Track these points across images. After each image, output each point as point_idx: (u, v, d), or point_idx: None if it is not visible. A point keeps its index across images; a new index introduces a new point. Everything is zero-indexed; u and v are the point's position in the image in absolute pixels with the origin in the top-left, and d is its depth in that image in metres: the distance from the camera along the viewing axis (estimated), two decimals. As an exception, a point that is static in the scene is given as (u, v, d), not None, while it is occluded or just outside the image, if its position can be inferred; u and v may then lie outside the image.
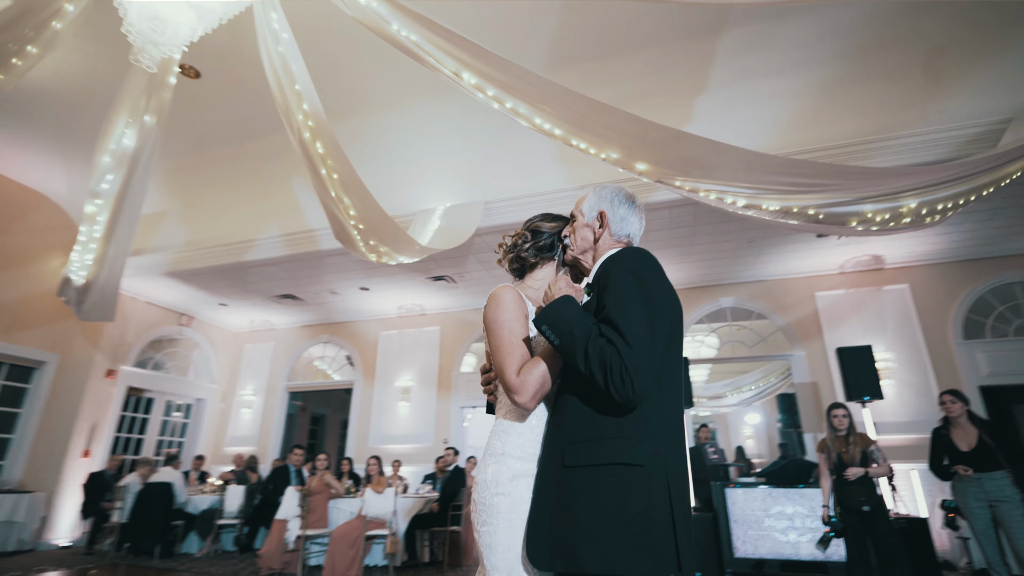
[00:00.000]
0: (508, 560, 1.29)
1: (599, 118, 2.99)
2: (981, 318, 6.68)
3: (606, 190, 1.59)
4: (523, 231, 1.68)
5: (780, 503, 5.18)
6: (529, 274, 1.63)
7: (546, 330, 1.32)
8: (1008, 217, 5.92)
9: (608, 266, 1.40)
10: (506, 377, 1.36)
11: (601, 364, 1.22)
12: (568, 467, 1.27)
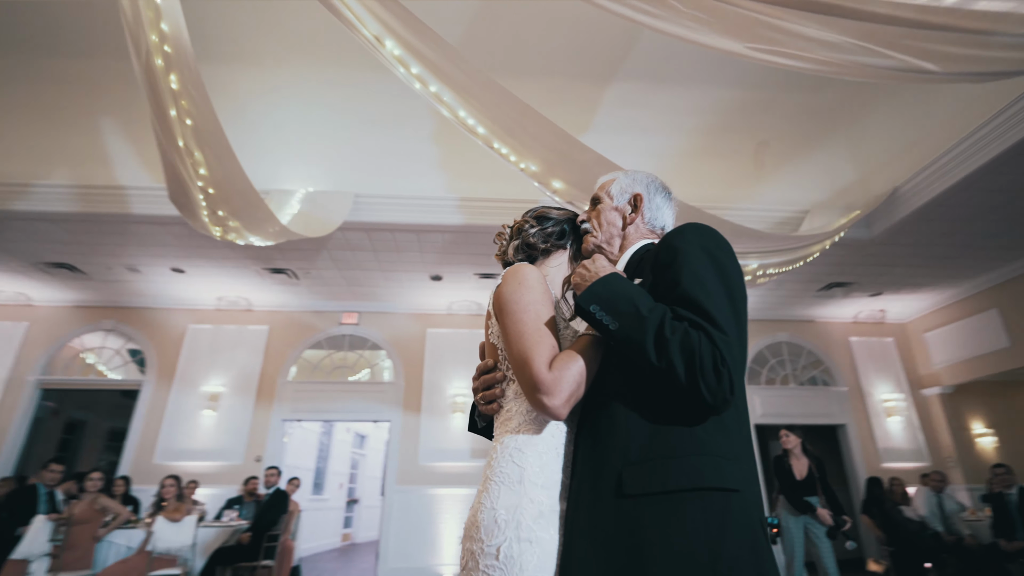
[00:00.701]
0: None
1: (529, 126, 2.90)
2: (759, 367, 8.15)
3: (640, 173, 1.42)
4: (526, 218, 1.44)
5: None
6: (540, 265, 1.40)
7: (597, 311, 1.02)
8: (789, 289, 7.38)
9: (672, 239, 1.11)
10: (534, 371, 1.02)
11: (686, 352, 0.93)
12: (630, 496, 0.94)
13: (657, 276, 1.09)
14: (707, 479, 0.94)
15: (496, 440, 1.17)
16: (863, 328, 8.50)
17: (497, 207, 5.64)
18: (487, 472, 1.11)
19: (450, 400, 7.32)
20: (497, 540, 0.97)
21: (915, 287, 7.43)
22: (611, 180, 1.42)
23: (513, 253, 1.39)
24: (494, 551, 0.96)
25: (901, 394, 8.06)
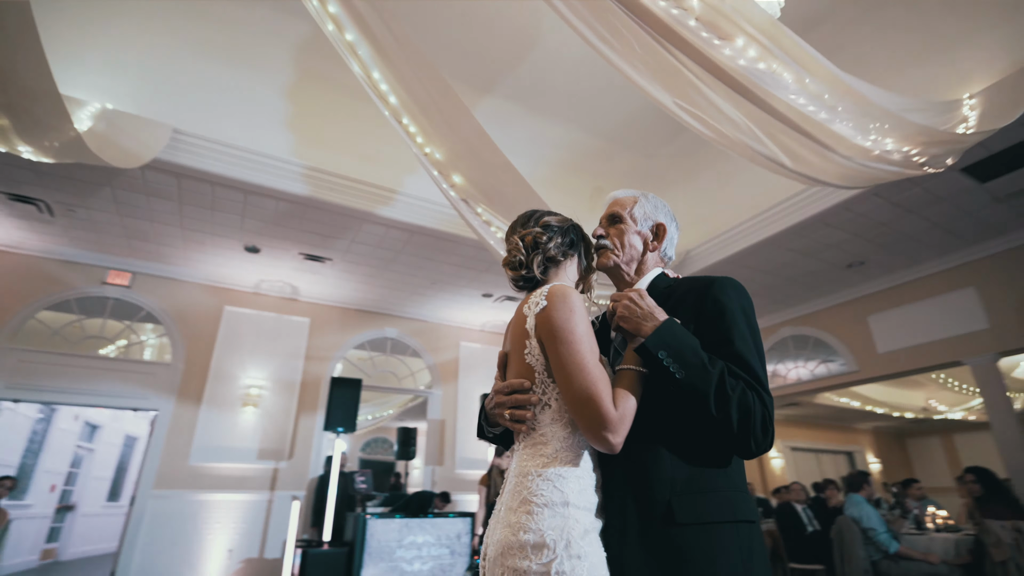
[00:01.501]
0: None
1: (447, 110, 2.73)
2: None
3: (659, 201, 1.45)
4: (533, 230, 1.32)
5: (414, 533, 5.39)
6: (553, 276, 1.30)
7: (665, 357, 1.08)
8: (592, 319, 8.37)
9: (717, 295, 1.21)
10: (603, 410, 1.04)
11: (742, 409, 1.07)
12: (681, 524, 1.05)
13: (703, 326, 1.18)
14: (736, 513, 1.11)
15: (526, 460, 1.13)
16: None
17: (351, 187, 5.19)
18: (523, 494, 1.07)
19: (242, 392, 6.35)
20: (546, 558, 0.99)
21: (678, 332, 9.14)
22: (632, 200, 1.44)
23: (539, 269, 1.30)
24: (543, 568, 0.98)
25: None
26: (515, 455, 1.17)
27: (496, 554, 1.04)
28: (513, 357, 1.22)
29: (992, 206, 5.17)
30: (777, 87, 2.18)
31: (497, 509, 1.14)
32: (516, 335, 1.21)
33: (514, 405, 1.17)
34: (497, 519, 1.12)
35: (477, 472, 7.56)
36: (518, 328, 1.21)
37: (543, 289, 1.20)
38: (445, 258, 6.35)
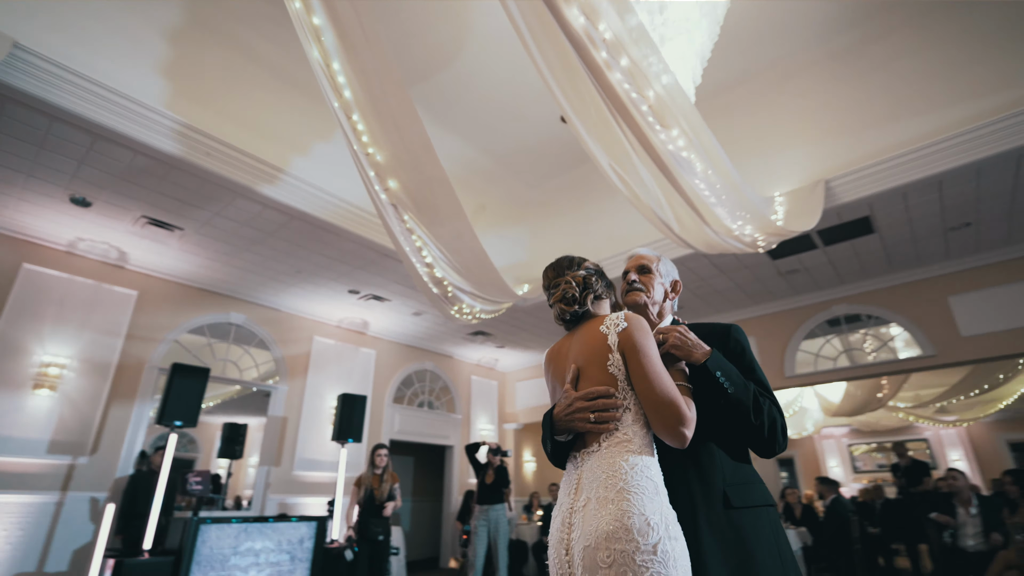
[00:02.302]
0: None
1: (400, 116, 2.76)
2: (405, 388, 9.04)
3: (672, 264, 1.77)
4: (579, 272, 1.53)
5: (253, 539, 4.99)
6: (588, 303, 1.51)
7: (720, 376, 1.38)
8: (449, 327, 8.63)
9: (737, 336, 1.59)
10: (681, 409, 1.27)
11: (770, 419, 1.40)
12: (735, 508, 1.36)
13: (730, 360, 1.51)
14: (767, 499, 1.45)
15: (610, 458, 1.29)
16: (480, 370, 10.60)
17: (234, 158, 4.73)
18: (619, 485, 1.23)
19: (35, 370, 5.21)
20: (653, 539, 1.15)
21: (525, 348, 9.88)
22: (656, 259, 1.75)
23: (592, 304, 1.52)
24: (651, 548, 1.14)
25: (492, 425, 10.35)
26: (590, 459, 1.32)
27: (598, 538, 1.17)
28: (592, 370, 1.39)
29: (775, 278, 6.78)
30: (689, 173, 2.75)
31: (578, 506, 1.27)
32: (594, 351, 1.40)
33: (599, 409, 1.34)
34: (585, 511, 1.24)
35: (319, 474, 7.23)
36: (596, 345, 1.40)
37: (619, 314, 1.42)
38: (321, 249, 6.07)
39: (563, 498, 1.35)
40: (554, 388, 1.52)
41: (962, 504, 4.97)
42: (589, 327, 1.46)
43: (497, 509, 5.04)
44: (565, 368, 1.45)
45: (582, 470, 1.32)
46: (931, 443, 13.25)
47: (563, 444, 1.44)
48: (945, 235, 5.92)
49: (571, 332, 1.55)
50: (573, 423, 1.35)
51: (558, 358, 1.51)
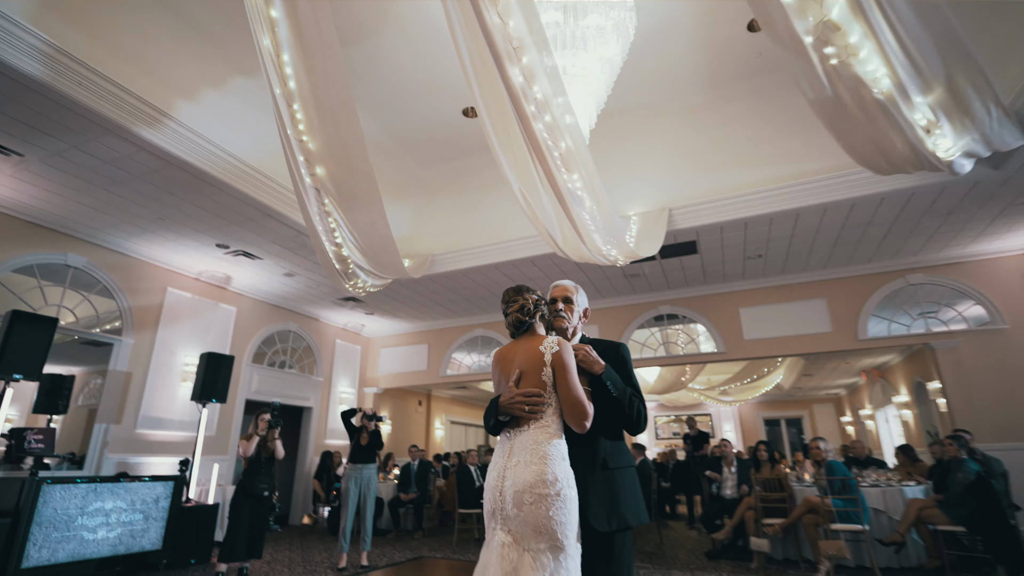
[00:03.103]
0: (574, 530, 1.73)
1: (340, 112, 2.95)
2: (266, 348, 8.81)
3: (584, 294, 2.33)
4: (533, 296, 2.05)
5: (103, 499, 4.78)
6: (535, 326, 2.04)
7: (608, 384, 1.97)
8: (319, 291, 8.59)
9: (622, 352, 2.16)
10: (587, 409, 1.83)
11: (638, 413, 2.02)
12: (610, 468, 1.97)
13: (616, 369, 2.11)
14: (629, 462, 2.10)
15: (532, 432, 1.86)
16: (346, 335, 10.65)
17: (111, 92, 4.33)
18: (540, 453, 1.80)
19: None
20: (558, 488, 1.75)
21: (394, 316, 10.18)
22: (574, 290, 2.30)
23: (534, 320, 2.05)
24: (556, 492, 1.74)
25: (353, 389, 10.54)
26: (522, 434, 1.87)
27: (525, 486, 1.74)
28: (530, 376, 1.92)
29: (622, 279, 8.05)
30: (580, 206, 3.44)
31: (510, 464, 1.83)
32: (533, 363, 1.92)
33: (533, 404, 1.90)
34: (515, 469, 1.80)
35: (167, 433, 6.86)
36: (535, 359, 1.92)
37: (553, 339, 1.95)
38: (197, 200, 5.73)
39: (498, 459, 1.92)
40: (500, 381, 2.06)
41: (727, 465, 6.67)
42: (531, 342, 2.01)
43: (369, 468, 5.46)
44: (511, 369, 2.00)
45: (514, 442, 1.90)
46: (713, 417, 16.55)
47: (502, 422, 2.01)
48: (744, 262, 7.64)
49: (516, 340, 2.09)
50: (513, 410, 1.92)
51: (505, 360, 2.05)
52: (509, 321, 2.08)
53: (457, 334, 10.41)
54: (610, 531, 1.88)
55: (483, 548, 1.83)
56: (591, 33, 3.70)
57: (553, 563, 1.67)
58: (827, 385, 14.49)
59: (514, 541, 1.72)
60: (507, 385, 1.97)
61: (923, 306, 7.60)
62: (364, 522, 5.35)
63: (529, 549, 1.70)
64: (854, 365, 11.44)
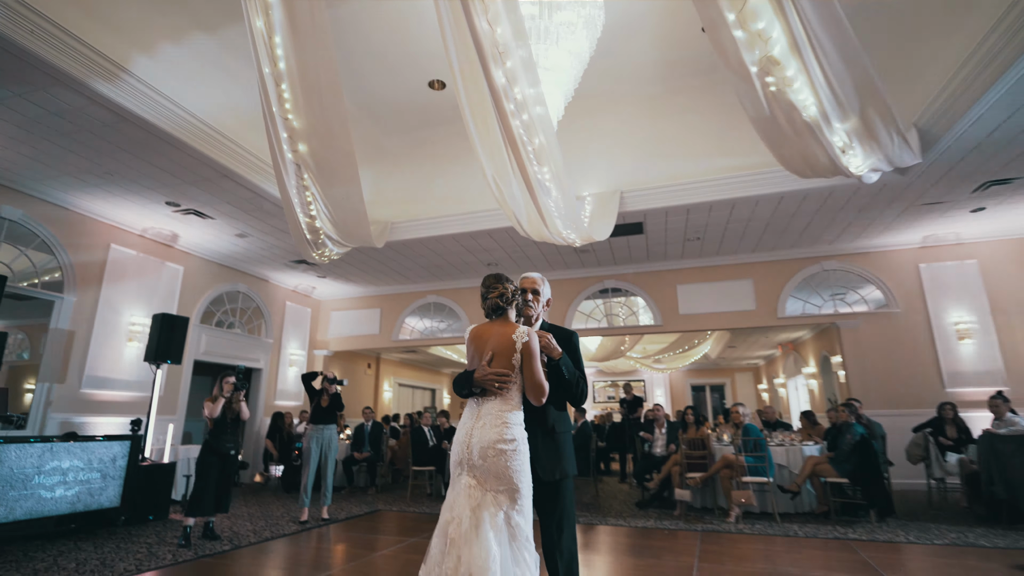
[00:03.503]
0: (527, 478, 2.11)
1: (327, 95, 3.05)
2: (215, 309, 8.68)
3: (548, 285, 2.65)
4: (509, 286, 2.35)
5: (59, 458, 4.78)
6: (510, 313, 2.36)
7: (563, 368, 2.33)
8: (272, 252, 8.51)
9: (571, 337, 2.51)
10: (545, 389, 2.21)
11: (582, 391, 2.41)
12: (555, 432, 2.38)
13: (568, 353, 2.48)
14: (569, 427, 2.52)
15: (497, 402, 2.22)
16: (296, 297, 10.59)
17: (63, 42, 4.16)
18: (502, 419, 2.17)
19: None
20: (515, 445, 2.13)
21: (346, 280, 10.22)
22: (541, 283, 2.63)
23: (508, 307, 2.36)
24: (513, 448, 2.12)
25: (303, 351, 10.57)
26: (488, 403, 2.23)
27: (489, 443, 2.10)
28: (501, 358, 2.24)
29: (572, 254, 8.51)
30: (546, 195, 3.76)
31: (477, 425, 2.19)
32: (505, 347, 2.24)
33: (501, 382, 2.24)
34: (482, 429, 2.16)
35: (112, 393, 6.76)
36: (507, 344, 2.24)
37: (523, 329, 2.26)
38: (150, 157, 5.58)
39: (467, 420, 2.29)
40: (474, 356, 2.39)
41: (658, 427, 7.42)
42: (504, 328, 2.34)
43: (330, 429, 5.71)
44: (484, 349, 2.33)
45: (482, 408, 2.26)
46: (647, 383, 17.76)
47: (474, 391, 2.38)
48: (684, 243, 8.28)
49: (491, 323, 2.41)
50: (486, 384, 2.28)
51: (479, 340, 2.38)
52: (488, 305, 2.39)
53: (410, 300, 10.61)
54: (555, 480, 2.33)
55: (450, 488, 2.21)
56: (563, 30, 3.95)
57: (508, 501, 2.08)
58: (748, 356, 15.88)
59: (478, 483, 2.11)
60: (480, 363, 2.30)
61: (833, 289, 8.57)
62: (325, 479, 5.64)
63: (490, 490, 2.09)
64: (772, 339, 12.64)
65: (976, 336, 7.70)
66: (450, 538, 1.97)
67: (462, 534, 1.94)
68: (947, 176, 6.06)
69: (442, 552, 1.96)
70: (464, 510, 2.01)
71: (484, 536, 1.92)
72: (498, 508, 2.03)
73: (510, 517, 2.02)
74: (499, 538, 1.95)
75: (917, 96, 5.17)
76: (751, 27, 2.58)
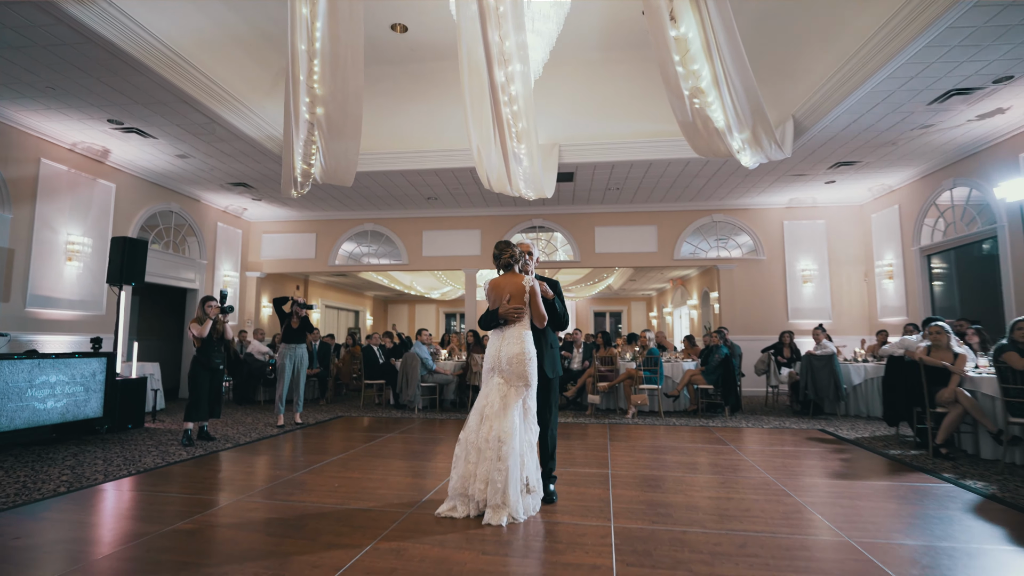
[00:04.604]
0: (535, 376, 3.09)
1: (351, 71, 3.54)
2: (149, 228, 8.57)
3: (536, 247, 3.57)
4: (516, 252, 3.26)
5: (47, 373, 5.11)
6: (516, 268, 3.28)
7: (556, 303, 3.31)
8: (209, 174, 8.47)
9: (556, 284, 3.45)
10: (545, 317, 3.17)
11: (566, 320, 3.40)
12: (551, 347, 3.36)
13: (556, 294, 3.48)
14: (557, 344, 3.58)
15: (516, 327, 3.17)
16: (227, 217, 10.50)
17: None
18: (517, 337, 3.14)
19: None
20: (530, 356, 3.12)
21: (282, 204, 10.32)
22: (533, 246, 3.55)
23: (516, 263, 3.28)
24: (530, 357, 3.12)
25: (236, 272, 10.68)
26: (510, 328, 3.16)
27: (513, 355, 3.07)
28: (515, 299, 3.15)
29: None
30: (518, 164, 4.60)
31: (503, 344, 3.13)
32: (518, 290, 3.16)
33: (518, 313, 3.18)
34: (508, 346, 3.11)
35: (57, 312, 6.80)
36: (518, 289, 3.16)
37: (529, 278, 3.22)
38: (107, 78, 5.50)
39: (495, 341, 3.26)
40: (495, 299, 3.33)
41: (576, 347, 8.94)
42: (514, 279, 3.29)
43: (301, 347, 6.39)
44: (503, 293, 3.29)
45: (505, 332, 3.26)
46: (555, 308, 19.66)
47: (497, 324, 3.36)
48: (604, 192, 9.49)
49: (503, 275, 3.34)
50: (508, 315, 3.26)
51: (498, 288, 3.32)
52: (501, 263, 3.35)
53: (348, 226, 10.97)
54: (552, 377, 3.43)
55: (483, 384, 3.26)
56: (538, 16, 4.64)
57: (526, 391, 3.16)
58: (644, 288, 18.16)
59: (504, 381, 3.17)
60: (502, 302, 3.29)
61: (718, 236, 10.38)
62: (297, 391, 6.43)
63: (513, 385, 3.16)
64: (666, 275, 14.71)
65: (815, 280, 9.94)
66: (484, 415, 3.05)
67: (494, 412, 3.02)
68: (811, 156, 7.70)
69: (478, 424, 3.03)
70: (495, 397, 3.08)
71: (510, 414, 3.01)
72: (518, 396, 3.10)
73: (525, 401, 3.12)
74: (518, 414, 3.05)
75: (798, 92, 6.56)
76: (689, 67, 3.56)
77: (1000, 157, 6.82)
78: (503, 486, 2.86)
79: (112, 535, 2.75)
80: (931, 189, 8.10)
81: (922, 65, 5.16)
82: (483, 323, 3.41)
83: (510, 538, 2.68)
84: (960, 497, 3.45)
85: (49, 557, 2.45)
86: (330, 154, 4.51)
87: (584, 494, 3.52)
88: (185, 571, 2.26)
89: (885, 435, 5.78)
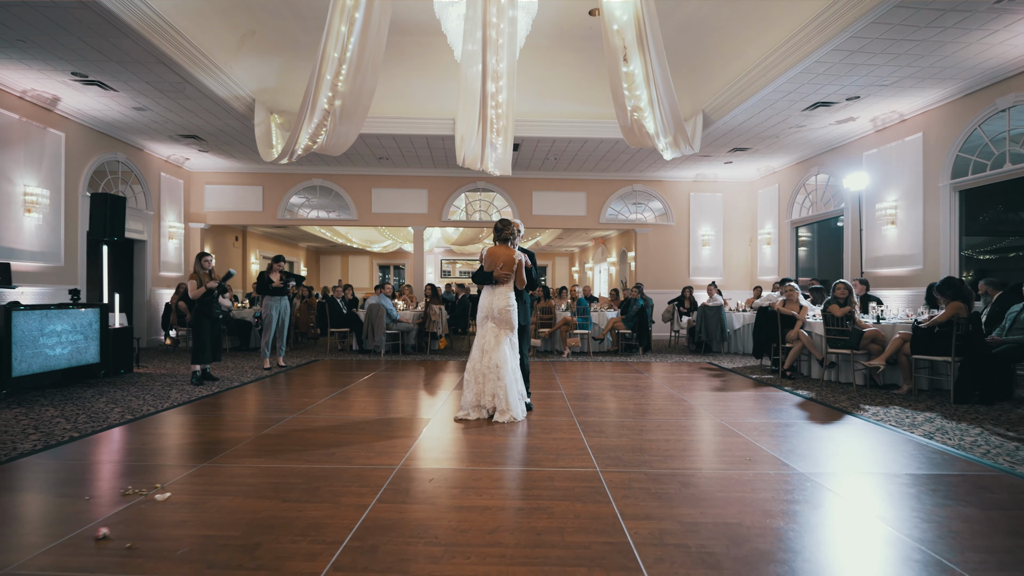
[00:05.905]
0: (516, 324, 4.27)
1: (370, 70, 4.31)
2: (99, 179, 8.52)
3: (522, 224, 4.65)
4: (514, 227, 4.34)
5: (53, 323, 5.52)
6: (512, 241, 4.35)
7: (535, 273, 4.46)
8: (161, 128, 8.52)
9: (532, 255, 4.53)
10: (525, 281, 4.31)
11: (539, 283, 4.66)
12: (524, 301, 4.52)
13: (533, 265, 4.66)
14: (529, 301, 4.78)
15: (504, 287, 4.30)
16: (168, 167, 10.41)
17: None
18: (504, 295, 4.29)
19: None
20: (513, 308, 4.31)
21: (228, 156, 10.40)
22: (519, 224, 4.64)
23: (512, 238, 4.37)
24: (512, 307, 4.31)
25: (180, 224, 10.70)
26: (499, 287, 4.26)
27: (502, 307, 4.21)
28: (506, 267, 4.24)
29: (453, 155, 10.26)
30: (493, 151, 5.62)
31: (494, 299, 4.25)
32: (509, 261, 4.24)
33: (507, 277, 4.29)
34: (497, 300, 4.23)
35: (19, 264, 6.89)
36: (510, 259, 4.24)
37: (519, 252, 4.30)
38: (89, 38, 5.67)
39: (486, 295, 4.38)
40: (492, 263, 4.41)
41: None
42: (508, 251, 4.37)
43: (284, 300, 7.08)
44: (498, 261, 4.38)
45: (495, 290, 4.37)
46: (485, 261, 20.90)
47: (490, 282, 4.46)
48: (543, 161, 10.63)
49: (500, 245, 4.43)
50: (500, 278, 4.38)
51: (495, 256, 4.39)
52: (502, 236, 4.45)
53: (296, 180, 11.27)
54: (524, 324, 4.66)
55: (479, 329, 4.42)
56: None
57: (511, 334, 4.39)
58: (569, 245, 19.82)
59: (495, 325, 4.36)
60: (497, 267, 4.41)
61: (637, 203, 11.99)
62: (281, 337, 7.19)
63: (502, 329, 4.36)
64: (590, 235, 16.35)
65: (711, 244, 11.93)
66: (484, 349, 4.25)
67: (491, 347, 4.22)
68: (715, 142, 9.33)
69: (480, 356, 4.23)
70: (491, 337, 4.27)
71: (502, 347, 4.23)
72: (506, 335, 4.32)
73: (511, 339, 4.35)
74: (507, 348, 4.28)
75: (709, 91, 8.02)
76: (633, 92, 4.75)
77: (850, 155, 8.83)
78: (504, 396, 4.12)
79: (226, 438, 3.67)
80: (802, 174, 10.11)
81: (798, 84, 6.75)
82: (477, 279, 4.52)
83: (515, 429, 3.97)
84: (792, 399, 5.24)
85: (196, 449, 3.36)
86: (335, 135, 5.23)
87: (550, 405, 4.88)
88: (296, 453, 3.31)
89: (753, 365, 7.74)
